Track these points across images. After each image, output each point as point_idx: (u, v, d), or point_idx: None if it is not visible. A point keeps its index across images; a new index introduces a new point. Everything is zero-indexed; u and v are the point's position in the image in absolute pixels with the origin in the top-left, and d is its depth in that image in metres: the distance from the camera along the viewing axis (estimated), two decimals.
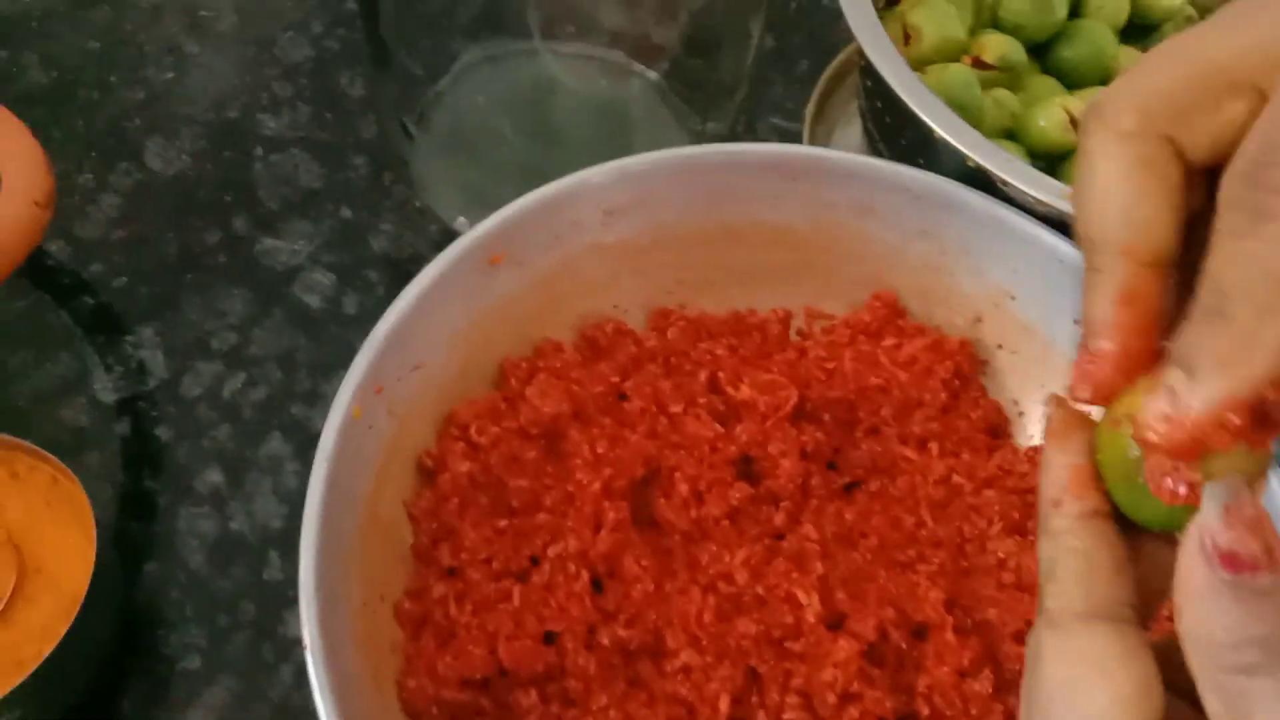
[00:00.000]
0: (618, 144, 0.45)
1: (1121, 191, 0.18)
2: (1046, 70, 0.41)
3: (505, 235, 0.33)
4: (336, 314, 0.40)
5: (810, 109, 0.46)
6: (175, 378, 0.38)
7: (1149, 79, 0.18)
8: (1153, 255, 0.18)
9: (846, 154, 0.35)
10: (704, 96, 0.44)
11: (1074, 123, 0.36)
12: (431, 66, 0.42)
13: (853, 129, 0.48)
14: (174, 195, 0.43)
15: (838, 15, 0.46)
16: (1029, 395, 0.36)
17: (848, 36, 0.49)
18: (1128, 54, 0.41)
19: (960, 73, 0.37)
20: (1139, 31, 0.43)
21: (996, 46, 0.38)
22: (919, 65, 0.39)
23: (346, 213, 0.43)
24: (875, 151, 0.41)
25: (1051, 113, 0.36)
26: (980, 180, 0.34)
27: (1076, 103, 0.37)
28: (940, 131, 0.34)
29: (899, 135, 0.38)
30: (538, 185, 0.43)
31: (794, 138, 0.48)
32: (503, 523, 0.31)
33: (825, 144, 0.48)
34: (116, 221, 0.42)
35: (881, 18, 0.39)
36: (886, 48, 0.36)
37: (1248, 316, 0.15)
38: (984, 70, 0.38)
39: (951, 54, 0.39)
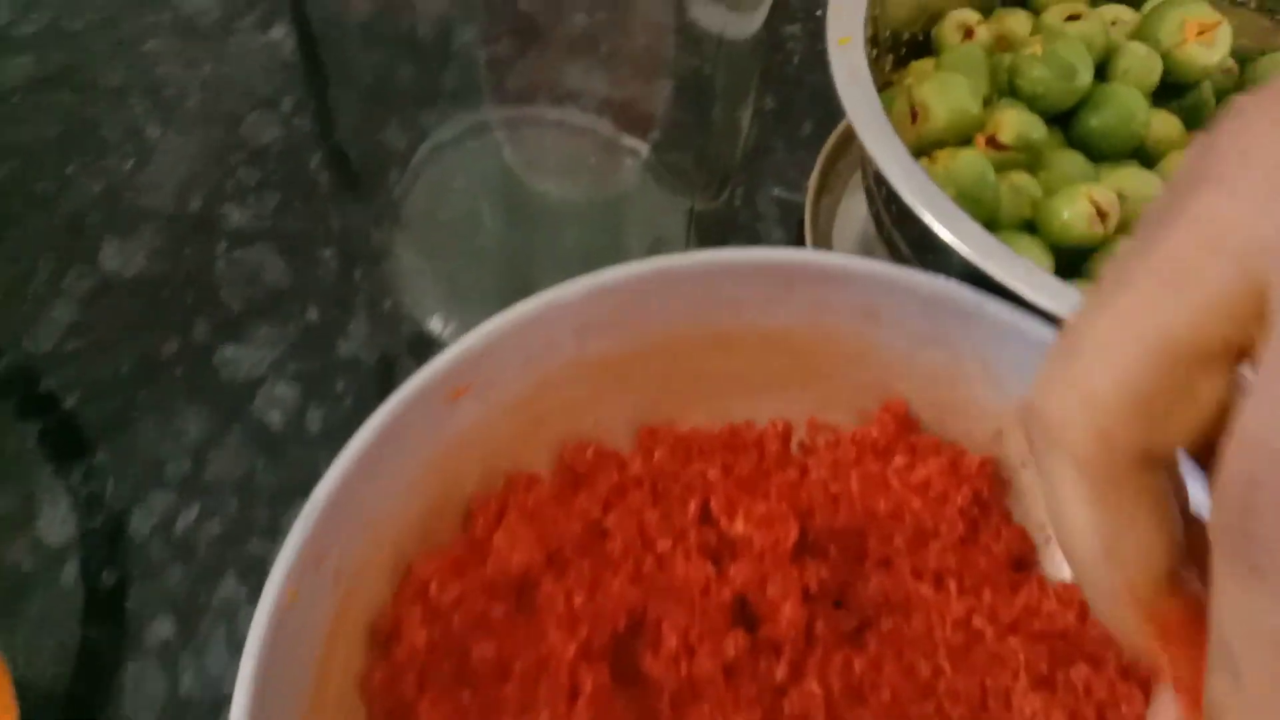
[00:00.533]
0: (604, 225, 0.42)
1: (1097, 531, 0.16)
2: (1071, 141, 0.37)
3: (469, 366, 0.29)
4: (299, 432, 0.37)
5: (813, 182, 0.43)
6: (126, 511, 0.35)
7: (1096, 379, 0.15)
8: (1154, 586, 0.15)
9: (846, 257, 0.32)
10: (698, 170, 0.40)
11: (1101, 214, 0.33)
12: (397, 153, 0.39)
13: (861, 199, 0.45)
14: (132, 299, 0.40)
15: None
16: None
17: None
18: (1160, 119, 0.37)
19: (971, 162, 0.33)
20: (1172, 91, 0.39)
21: (1013, 125, 0.34)
22: (928, 147, 0.35)
23: (313, 314, 0.40)
24: (882, 233, 0.37)
25: (1076, 205, 0.32)
26: (996, 282, 0.31)
27: (1103, 192, 0.33)
28: (945, 235, 0.30)
29: (904, 226, 0.34)
30: (519, 276, 0.40)
31: (797, 210, 0.45)
32: (466, 696, 0.28)
33: (830, 217, 0.44)
34: (71, 331, 0.39)
35: (887, 94, 0.35)
36: (884, 134, 0.32)
37: (1260, 686, 0.13)
38: (999, 151, 0.35)
39: (965, 132, 0.35)
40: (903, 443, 0.33)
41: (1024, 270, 0.30)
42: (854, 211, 0.44)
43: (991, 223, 0.34)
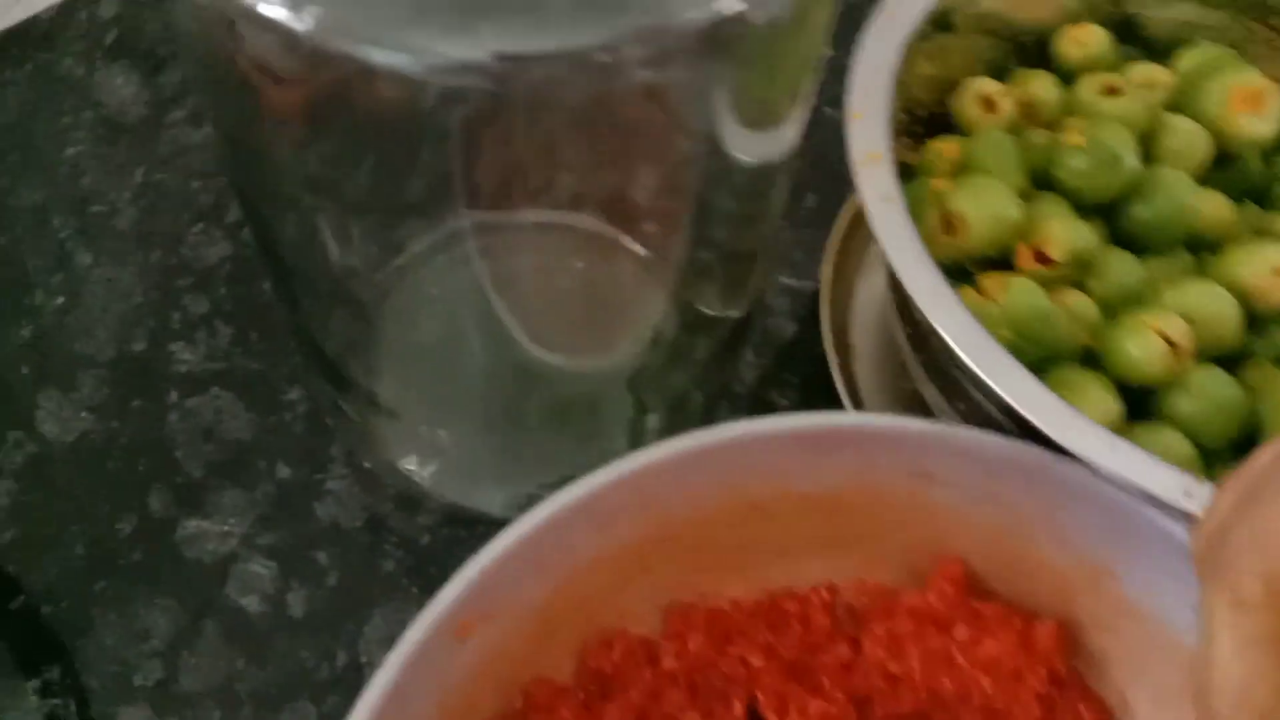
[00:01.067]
0: (605, 342, 0.38)
1: (1237, 671, 0.18)
2: (1115, 233, 0.33)
3: (473, 600, 0.26)
4: (281, 619, 0.33)
5: (826, 272, 0.39)
6: None
7: (1273, 528, 0.18)
8: None
9: (895, 419, 0.28)
10: (711, 278, 0.36)
11: (1172, 345, 0.29)
12: (361, 274, 0.35)
13: (879, 277, 0.41)
14: (76, 470, 0.35)
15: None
16: (1139, 687, 0.29)
17: None
18: (1209, 200, 0.34)
19: (1026, 295, 0.29)
20: (1217, 162, 0.35)
21: (1063, 239, 0.31)
22: (964, 263, 0.31)
23: (284, 470, 0.36)
24: (908, 337, 0.33)
25: (1144, 340, 0.29)
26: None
27: (1171, 320, 0.29)
28: (995, 388, 0.27)
29: (939, 361, 0.31)
30: (513, 406, 0.36)
31: (808, 299, 0.41)
32: None
33: (846, 306, 0.41)
34: (9, 516, 0.34)
35: (912, 188, 0.31)
36: (917, 260, 0.28)
37: None
38: (1048, 267, 0.31)
39: (1005, 242, 0.31)
40: (964, 610, 0.30)
41: (1095, 435, 0.26)
42: (872, 295, 0.41)
43: (1049, 356, 0.30)
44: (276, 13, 0.21)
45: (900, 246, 0.28)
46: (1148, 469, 0.26)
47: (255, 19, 0.21)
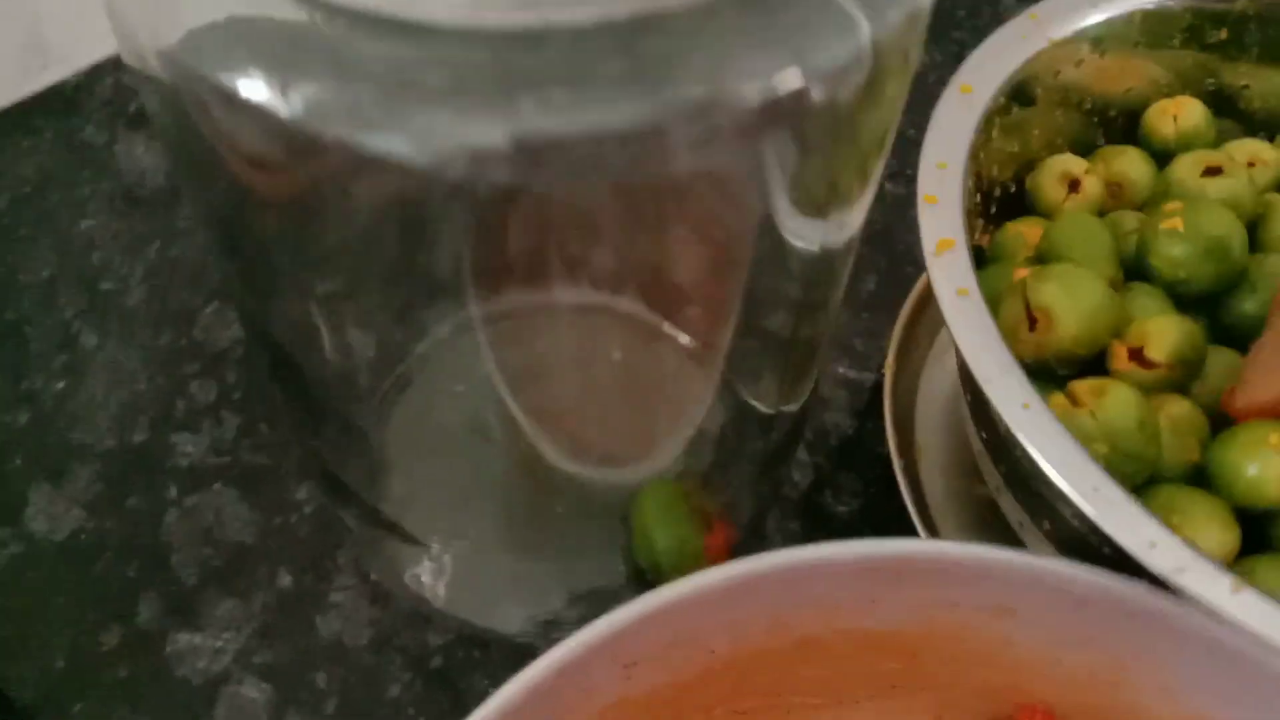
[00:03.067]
0: (642, 443, 0.34)
1: None
2: (1214, 328, 0.30)
3: None
4: None
5: (890, 363, 0.35)
6: None
7: None
8: None
9: (974, 548, 0.24)
10: (763, 371, 0.32)
11: None
12: (367, 377, 0.32)
13: (947, 367, 0.37)
14: (63, 571, 0.32)
15: (907, 204, 0.35)
16: None
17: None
18: None
19: (1126, 406, 0.25)
20: None
21: (1166, 339, 0.27)
22: (1049, 363, 0.28)
23: (285, 579, 0.32)
24: (985, 441, 0.29)
25: (1265, 459, 0.25)
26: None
27: None
28: (1092, 514, 0.23)
29: (1021, 474, 0.27)
30: (537, 514, 0.33)
31: (866, 393, 0.37)
32: None
33: (910, 399, 0.37)
34: None
35: (984, 278, 0.28)
36: (999, 364, 0.25)
37: None
38: (1148, 370, 0.27)
39: (1097, 341, 0.28)
40: None
41: (1210, 574, 0.22)
42: (941, 388, 0.37)
43: (1152, 475, 0.26)
44: (259, 94, 0.18)
45: (980, 347, 0.25)
46: (1275, 615, 0.22)
47: (233, 102, 0.18)
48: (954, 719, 0.27)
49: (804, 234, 0.26)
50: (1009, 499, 0.30)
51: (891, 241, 0.40)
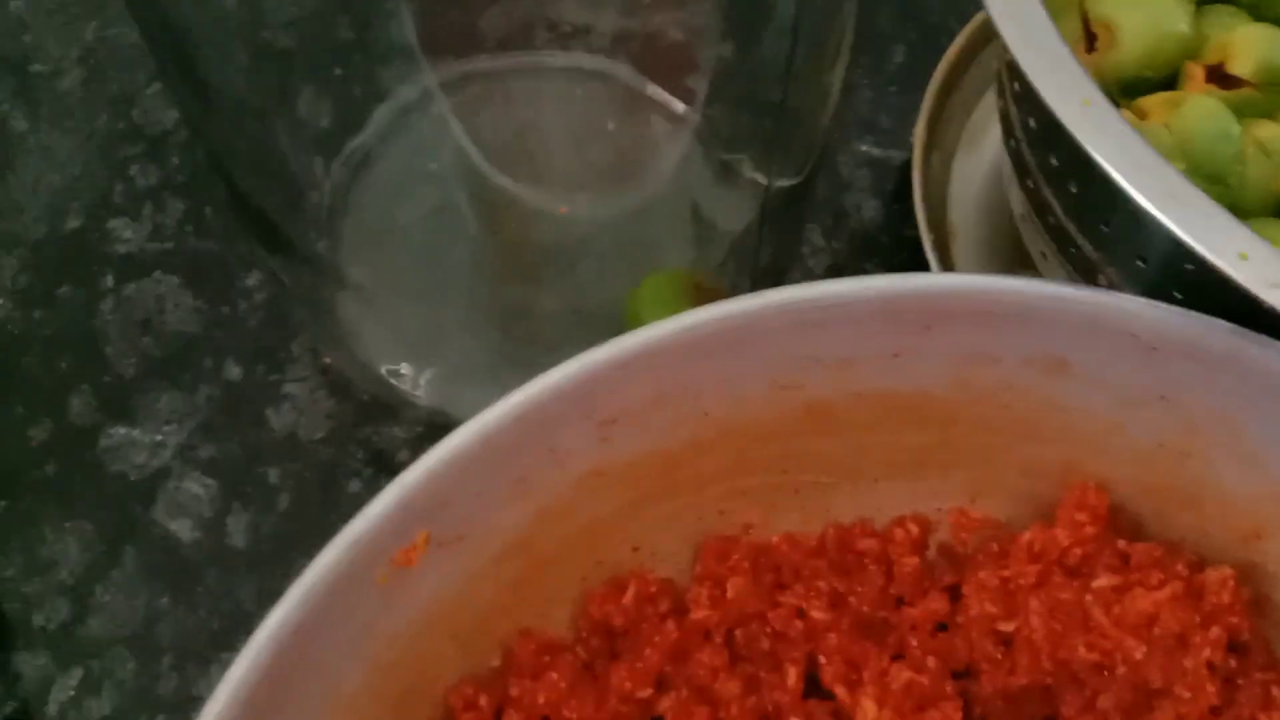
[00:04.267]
0: (627, 215, 0.30)
1: None
2: None
3: (418, 513, 0.18)
4: (218, 549, 0.26)
5: (919, 134, 0.31)
6: None
7: None
8: None
9: (1016, 281, 0.20)
10: (762, 136, 0.28)
11: None
12: (321, 141, 0.28)
13: (983, 153, 0.33)
14: None
15: None
16: None
17: (961, 7, 0.34)
18: None
19: (1207, 115, 0.21)
20: None
21: (1251, 49, 0.22)
22: (1115, 87, 0.23)
23: (233, 370, 0.29)
24: (1030, 194, 0.25)
25: None
26: (1256, 308, 0.19)
27: None
28: (1176, 230, 0.18)
29: (1091, 208, 0.23)
30: (511, 295, 0.29)
31: (892, 172, 0.33)
32: None
33: (943, 181, 0.32)
34: None
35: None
36: (1057, 62, 0.20)
37: None
38: (1230, 91, 0.22)
39: (1169, 62, 0.23)
40: (1107, 552, 0.22)
41: None
42: (971, 171, 0.32)
43: (1234, 207, 0.22)
44: None
45: (1028, 38, 0.20)
46: None
47: None
48: (992, 502, 0.23)
49: None
50: (1058, 267, 0.25)
51: (922, 10, 0.35)
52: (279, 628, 0.17)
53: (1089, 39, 0.23)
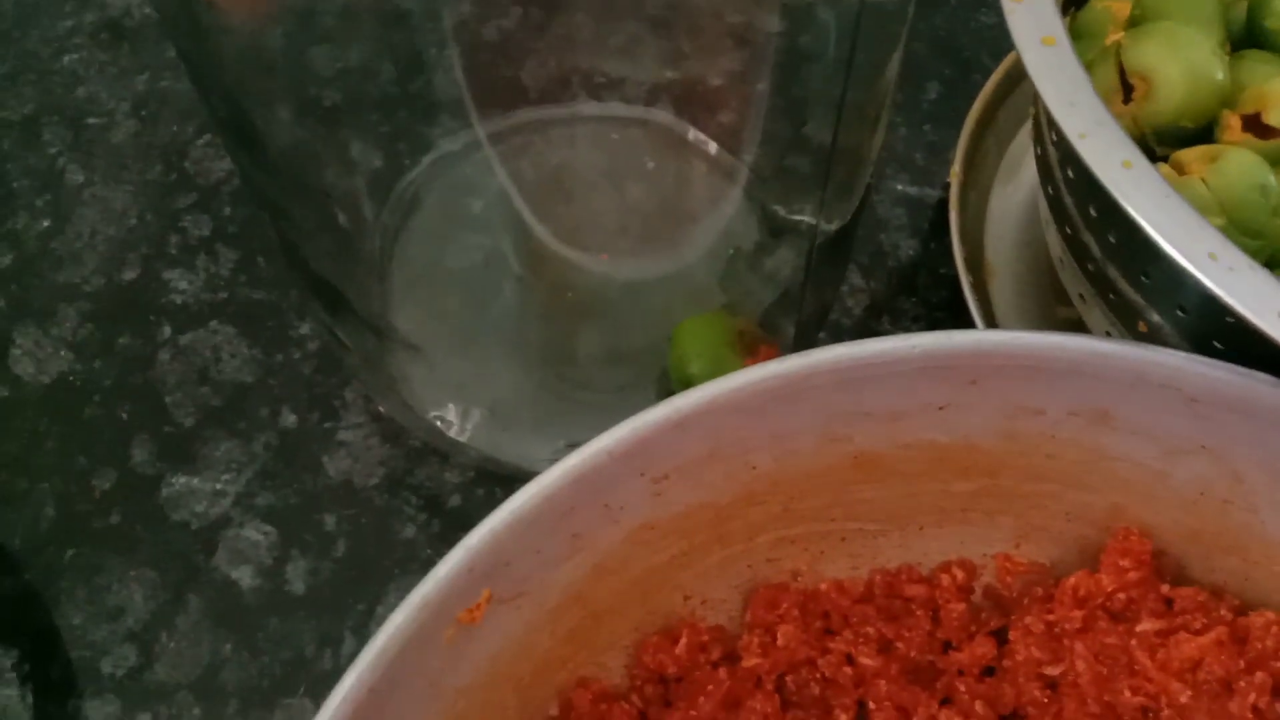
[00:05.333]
0: (677, 271, 0.31)
1: None
2: None
3: (483, 573, 0.19)
4: (278, 595, 0.27)
5: (956, 171, 0.31)
6: None
7: None
8: None
9: (1061, 337, 0.20)
10: (811, 180, 0.28)
11: None
12: (373, 190, 0.29)
13: (1019, 186, 0.33)
14: (50, 416, 0.30)
15: (973, 7, 0.31)
16: None
17: (994, 42, 0.34)
18: None
19: (1245, 170, 0.21)
20: None
21: None
22: (1152, 137, 0.24)
23: (289, 418, 0.30)
24: (1069, 239, 0.26)
25: None
26: None
27: None
28: (1210, 285, 0.19)
29: (1113, 268, 0.23)
30: (558, 340, 0.30)
31: (928, 210, 0.33)
32: None
33: (979, 219, 0.33)
34: None
35: (1077, 50, 0.23)
36: (1093, 117, 0.20)
37: None
38: (1268, 141, 0.23)
39: (1206, 110, 0.23)
40: (1152, 597, 0.22)
41: None
42: (1008, 207, 0.33)
43: (1272, 258, 0.22)
44: None
45: (1069, 99, 0.21)
46: None
47: None
48: (1037, 547, 0.23)
49: None
50: (1097, 310, 0.26)
51: (956, 48, 0.35)
52: (354, 689, 0.17)
53: (1125, 90, 0.24)
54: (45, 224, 0.33)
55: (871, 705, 0.22)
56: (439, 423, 0.29)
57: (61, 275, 0.32)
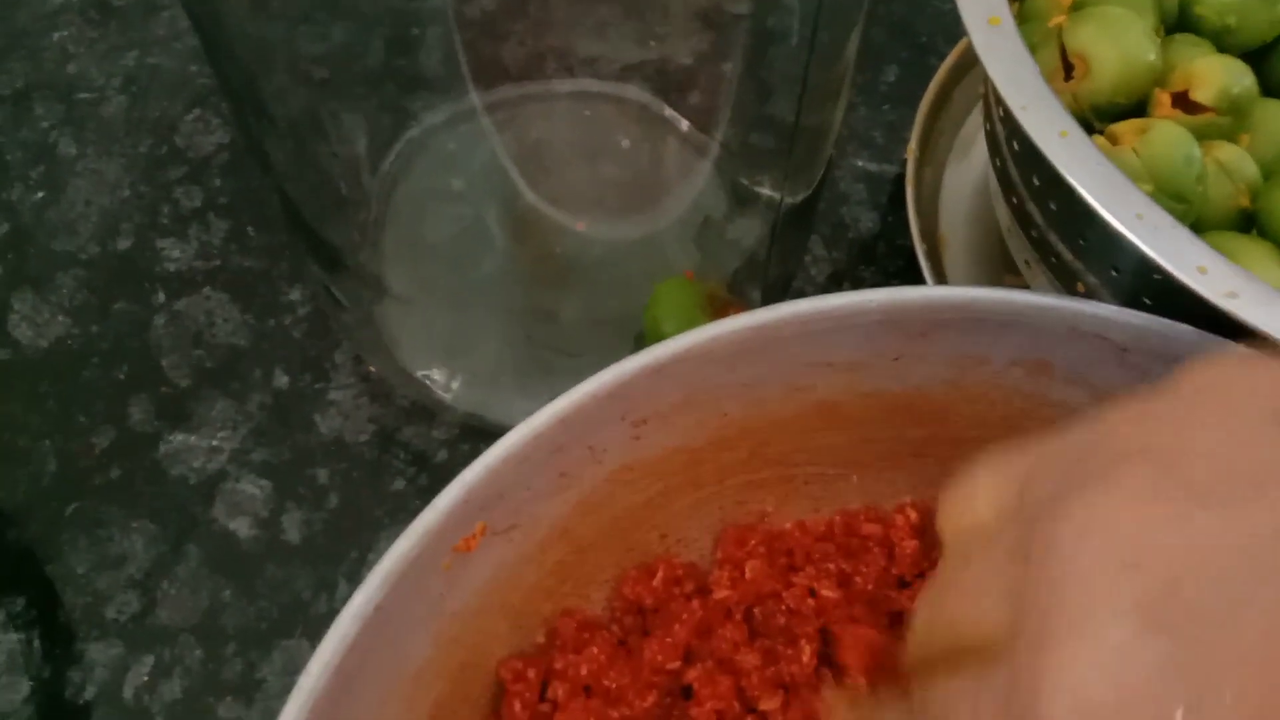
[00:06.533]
0: (646, 229, 0.32)
1: None
2: (1267, 83, 0.27)
3: (478, 506, 0.21)
4: (274, 544, 0.29)
5: (912, 149, 0.33)
6: (58, 675, 0.27)
7: None
8: None
9: (1004, 292, 0.22)
10: (776, 155, 0.30)
11: None
12: (365, 160, 0.30)
13: (971, 163, 0.35)
14: (49, 378, 0.31)
15: None
16: None
17: (949, 28, 0.36)
18: None
19: (1172, 141, 0.23)
20: None
21: (1213, 78, 0.25)
22: (1086, 115, 0.26)
23: (282, 379, 0.31)
24: (1015, 209, 0.28)
25: None
26: (1216, 313, 0.21)
27: None
28: (1141, 245, 0.21)
29: (1055, 236, 0.25)
30: (539, 306, 0.31)
31: (887, 185, 0.35)
32: None
33: (934, 193, 0.35)
34: None
35: (1023, 32, 0.25)
36: (1035, 94, 0.22)
37: None
38: (1194, 116, 0.25)
39: (1139, 89, 0.25)
40: None
41: (1270, 300, 0.20)
42: (961, 183, 0.35)
43: (1197, 222, 0.24)
44: None
45: (1012, 75, 0.22)
46: None
47: None
48: None
49: None
50: (1041, 275, 0.28)
51: (913, 32, 0.37)
52: (363, 606, 0.19)
53: (1066, 69, 0.26)
54: (40, 195, 0.34)
55: (834, 633, 0.24)
56: (428, 382, 0.30)
57: (57, 244, 0.33)
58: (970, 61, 0.35)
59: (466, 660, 0.22)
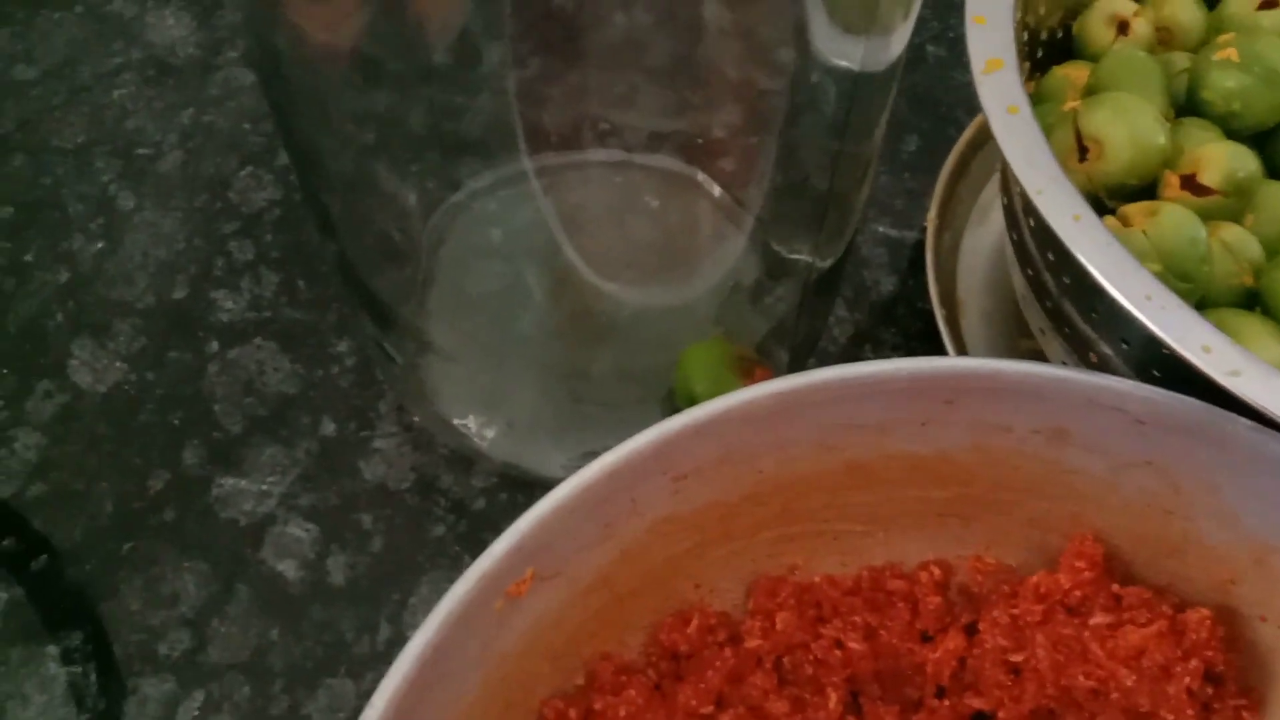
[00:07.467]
0: (681, 290, 0.34)
1: None
2: (1269, 166, 0.29)
3: (527, 555, 0.22)
4: (320, 586, 0.30)
5: (932, 217, 0.35)
6: (112, 708, 0.28)
7: None
8: None
9: (1025, 365, 0.24)
10: (808, 222, 0.32)
11: None
12: (414, 219, 0.32)
13: (989, 230, 0.37)
14: (107, 422, 0.33)
15: (949, 66, 0.35)
16: None
17: (968, 100, 0.38)
18: None
19: (1179, 223, 0.25)
20: None
21: (1219, 162, 0.26)
22: (1099, 195, 0.27)
23: (329, 427, 0.32)
24: (1030, 279, 0.29)
25: None
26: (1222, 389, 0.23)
27: None
28: (1148, 322, 0.22)
29: (1068, 307, 0.26)
30: (576, 363, 0.33)
31: (906, 250, 0.37)
32: None
33: (953, 258, 0.36)
34: (34, 470, 0.32)
35: (1039, 114, 0.27)
36: (1049, 177, 0.24)
37: None
38: (1201, 198, 0.26)
39: (1149, 171, 0.27)
40: (1103, 594, 0.25)
41: (1271, 379, 0.22)
42: (978, 248, 0.36)
43: (1203, 300, 0.26)
44: None
45: (1029, 161, 0.24)
46: None
47: None
48: (1004, 549, 0.27)
49: (844, 52, 0.25)
50: (1055, 344, 0.29)
51: (934, 103, 0.39)
52: (423, 646, 0.20)
53: (1081, 150, 0.27)
54: (99, 245, 0.36)
55: (860, 683, 0.25)
56: (467, 431, 0.32)
57: (115, 293, 0.35)
58: (988, 133, 0.36)
59: (512, 699, 0.23)
